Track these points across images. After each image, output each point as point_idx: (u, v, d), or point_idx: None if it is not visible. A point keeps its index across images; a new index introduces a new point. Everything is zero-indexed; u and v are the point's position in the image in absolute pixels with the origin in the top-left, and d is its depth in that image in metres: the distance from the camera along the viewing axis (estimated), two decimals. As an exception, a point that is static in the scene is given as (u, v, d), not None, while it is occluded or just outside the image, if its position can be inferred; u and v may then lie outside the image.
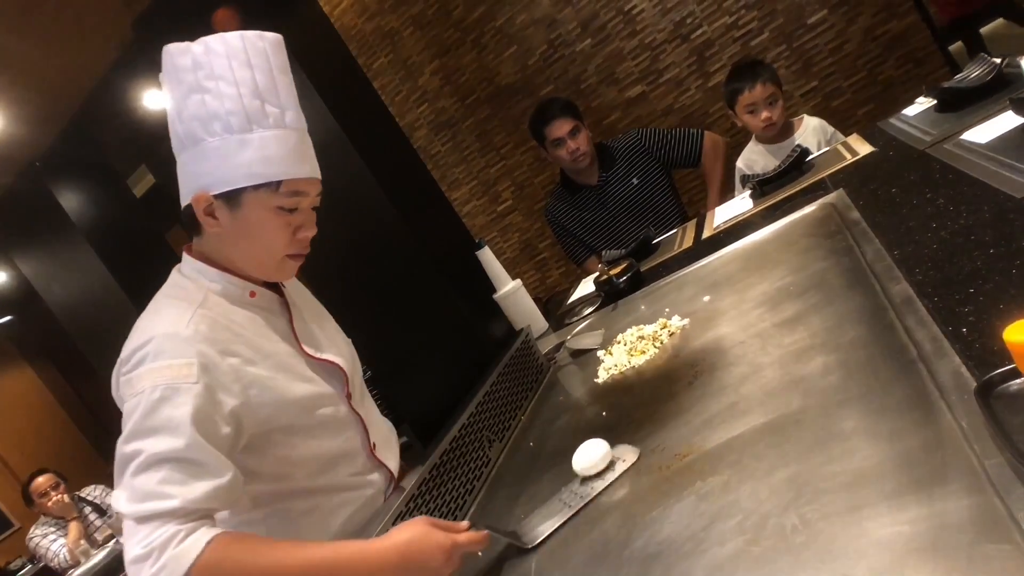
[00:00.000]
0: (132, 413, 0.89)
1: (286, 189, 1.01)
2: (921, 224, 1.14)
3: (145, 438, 0.86)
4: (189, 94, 1.00)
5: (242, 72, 1.00)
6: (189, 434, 0.86)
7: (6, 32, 1.82)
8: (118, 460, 0.88)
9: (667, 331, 1.36)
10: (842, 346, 0.92)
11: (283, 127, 1.02)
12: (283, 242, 1.04)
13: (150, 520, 0.81)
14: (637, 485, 0.90)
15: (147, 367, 0.91)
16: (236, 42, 1.01)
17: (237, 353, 0.99)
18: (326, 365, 1.12)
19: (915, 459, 0.64)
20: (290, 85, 1.07)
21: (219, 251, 1.06)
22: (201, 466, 0.86)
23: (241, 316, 1.05)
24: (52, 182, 2.75)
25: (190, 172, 1.02)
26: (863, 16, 3.33)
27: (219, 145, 0.99)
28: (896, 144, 1.71)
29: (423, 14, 3.98)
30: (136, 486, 0.84)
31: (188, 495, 0.83)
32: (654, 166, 2.63)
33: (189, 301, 1.01)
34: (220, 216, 1.01)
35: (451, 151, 4.29)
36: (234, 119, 0.99)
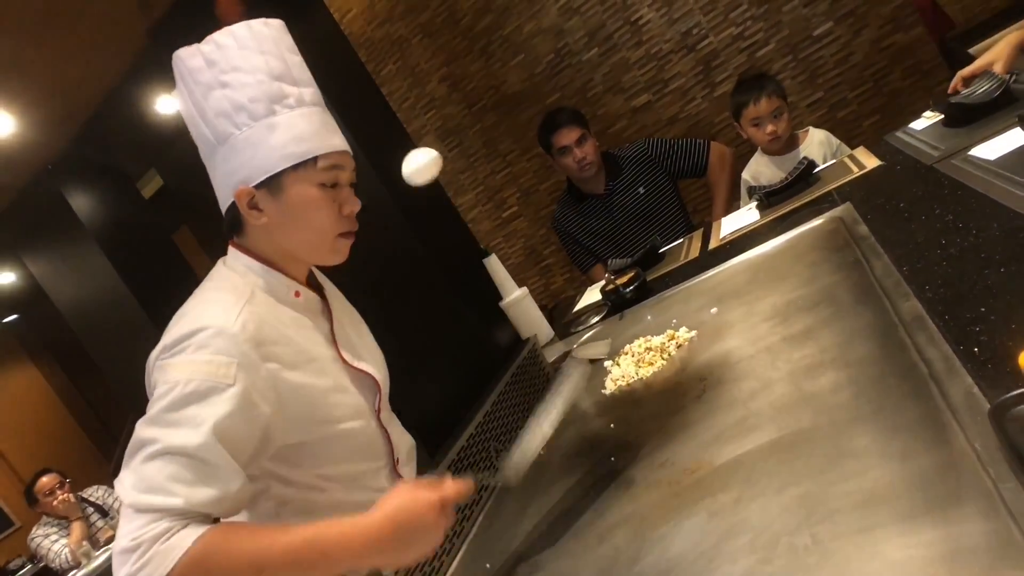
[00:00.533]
0: (160, 400, 0.87)
1: (324, 164, 1.01)
2: (930, 240, 1.15)
3: (165, 427, 0.85)
4: (209, 92, 1.00)
5: (255, 59, 1.00)
6: (210, 436, 0.85)
7: (26, 40, 1.84)
8: (133, 441, 0.86)
9: (675, 343, 1.36)
10: (852, 363, 0.92)
11: (305, 104, 1.02)
12: (332, 219, 1.03)
13: (147, 512, 0.80)
14: (646, 500, 0.90)
15: (187, 357, 0.90)
16: (243, 32, 1.02)
17: (279, 357, 0.97)
18: (361, 375, 1.10)
19: (929, 480, 0.64)
20: (302, 64, 1.07)
21: (267, 244, 1.05)
22: (213, 470, 0.85)
23: (287, 316, 1.03)
24: (63, 184, 2.76)
25: (225, 171, 1.01)
26: (869, 28, 3.34)
27: (249, 135, 0.99)
28: (903, 158, 1.72)
29: (431, 22, 4.00)
30: (144, 474, 0.83)
31: (192, 497, 0.82)
32: (660, 175, 2.63)
33: (237, 295, 0.99)
34: (265, 206, 1.00)
35: (457, 157, 4.30)
36: (258, 106, 0.99)
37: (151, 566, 0.77)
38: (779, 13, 3.42)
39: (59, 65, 2.07)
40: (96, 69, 2.25)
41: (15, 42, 1.84)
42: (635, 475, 0.98)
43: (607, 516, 0.92)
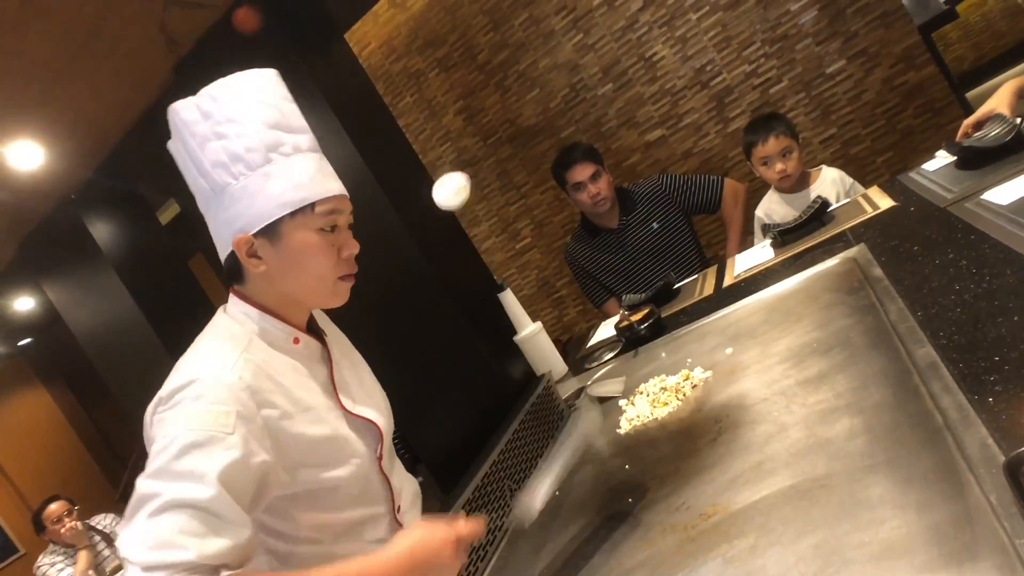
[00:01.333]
0: (160, 453, 0.86)
1: (321, 209, 1.02)
2: (944, 285, 1.16)
3: (169, 481, 0.84)
4: (205, 143, 1.01)
5: (251, 109, 1.01)
6: (216, 486, 0.84)
7: (57, 76, 1.91)
8: (135, 497, 0.85)
9: (690, 383, 1.37)
10: (867, 409, 0.93)
11: (301, 152, 1.04)
12: (331, 263, 1.04)
13: (158, 570, 0.78)
14: (662, 545, 0.91)
15: (185, 409, 0.90)
16: (237, 83, 1.03)
17: (275, 405, 0.97)
18: (363, 423, 1.10)
19: (945, 533, 0.65)
20: (297, 112, 1.08)
21: (267, 292, 1.06)
22: (222, 521, 0.84)
23: (283, 363, 1.04)
24: (85, 213, 2.83)
25: (223, 220, 1.02)
26: (880, 67, 3.38)
27: (246, 184, 0.99)
28: (917, 199, 1.73)
29: (449, 57, 4.09)
30: (152, 531, 0.81)
31: (204, 550, 0.80)
32: (674, 211, 2.66)
33: (234, 343, 1.00)
34: (264, 254, 1.01)
35: (472, 189, 4.35)
36: (255, 155, 1.00)
37: None
38: (792, 51, 3.47)
39: (88, 100, 2.14)
40: (122, 103, 2.32)
41: (47, 78, 1.91)
42: (651, 518, 0.98)
43: (623, 560, 0.92)
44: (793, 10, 3.40)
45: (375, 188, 2.51)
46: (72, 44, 1.80)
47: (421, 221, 2.51)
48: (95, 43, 1.86)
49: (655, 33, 3.64)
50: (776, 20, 3.43)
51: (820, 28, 3.39)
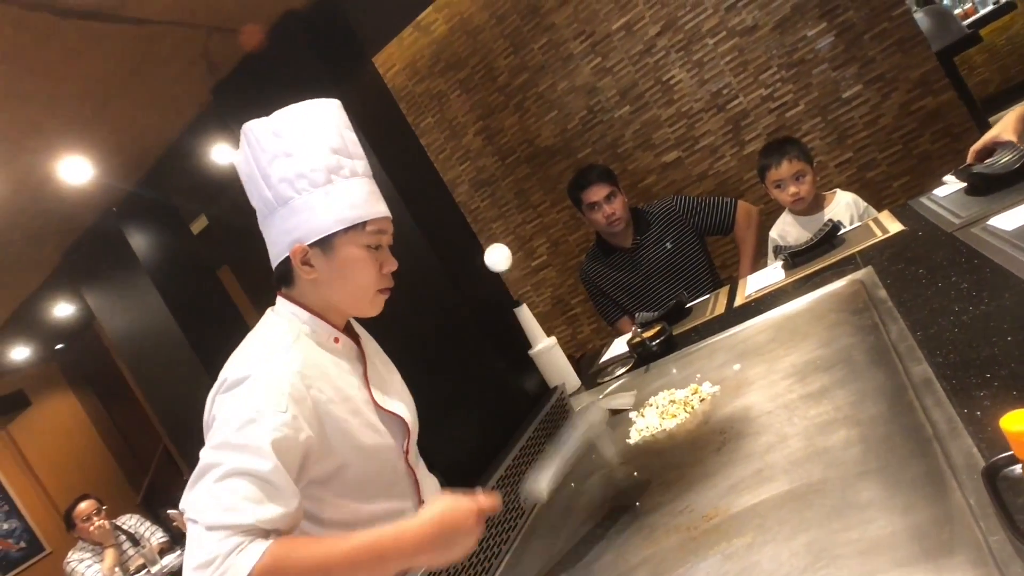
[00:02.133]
0: (223, 427, 0.97)
1: (371, 228, 1.14)
2: (944, 307, 1.21)
3: (231, 451, 0.94)
4: (274, 160, 1.13)
5: (317, 135, 1.13)
6: (273, 458, 0.94)
7: (107, 97, 2.02)
8: (200, 466, 0.95)
9: (698, 396, 1.42)
10: (863, 421, 0.98)
11: (358, 176, 1.16)
12: (374, 277, 1.15)
13: (219, 530, 0.88)
14: (666, 543, 0.96)
15: (245, 389, 1.01)
16: (307, 110, 1.16)
17: (321, 390, 1.08)
18: (392, 417, 1.19)
19: (926, 532, 0.70)
20: (356, 140, 1.21)
21: (313, 296, 1.17)
22: (277, 490, 0.93)
23: (326, 359, 1.14)
24: (125, 224, 2.96)
25: (283, 230, 1.13)
26: (898, 92, 3.43)
27: (308, 199, 1.11)
28: (925, 224, 1.78)
29: (470, 78, 4.20)
30: (216, 495, 0.91)
31: (261, 515, 0.90)
32: (688, 232, 2.72)
33: (285, 337, 1.12)
34: (316, 263, 1.13)
35: (490, 207, 4.45)
36: (318, 174, 1.11)
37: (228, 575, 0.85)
38: (808, 76, 3.53)
39: (134, 119, 2.26)
40: (164, 122, 2.45)
41: (99, 100, 2.04)
42: (656, 520, 1.03)
43: (628, 558, 0.98)
44: (810, 36, 3.47)
45: (399, 204, 2.61)
46: (123, 69, 1.92)
47: (441, 238, 2.59)
48: (144, 67, 1.98)
49: (672, 57, 3.73)
50: (792, 45, 3.50)
51: (837, 53, 3.45)
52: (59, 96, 1.92)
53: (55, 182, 2.28)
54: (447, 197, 2.96)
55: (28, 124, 2.00)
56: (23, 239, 2.75)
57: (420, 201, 2.58)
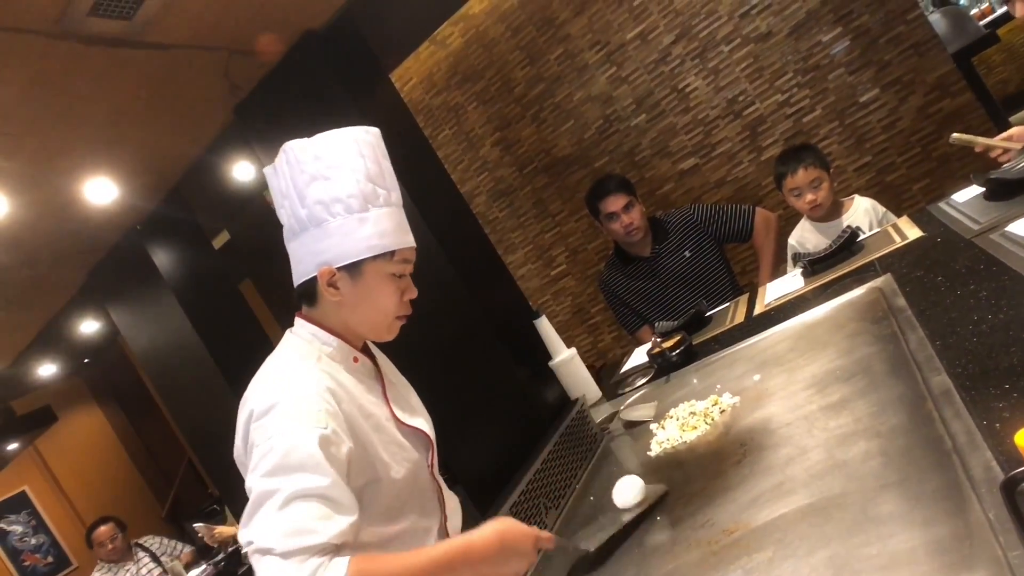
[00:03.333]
0: (269, 454, 0.98)
1: (399, 257, 1.17)
2: (963, 316, 1.20)
3: (287, 475, 0.95)
4: (311, 181, 1.14)
5: (356, 161, 1.15)
6: (331, 473, 0.96)
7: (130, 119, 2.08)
8: (256, 496, 0.96)
9: (718, 408, 1.43)
10: (883, 433, 0.98)
11: (391, 205, 1.18)
12: (395, 304, 1.18)
13: (296, 555, 0.90)
14: (687, 558, 0.97)
15: (280, 412, 1.02)
16: (348, 135, 1.18)
17: (348, 407, 1.10)
18: (415, 432, 1.22)
19: (946, 547, 0.70)
20: (391, 170, 1.23)
21: (333, 317, 1.19)
22: (340, 504, 0.96)
23: (347, 378, 1.17)
24: (149, 243, 3.02)
25: (312, 250, 1.15)
26: (915, 95, 3.40)
27: (341, 224, 1.13)
28: (944, 230, 1.77)
29: (486, 90, 4.24)
30: (283, 520, 0.92)
31: (330, 531, 0.92)
32: (706, 240, 2.72)
33: (309, 357, 1.14)
34: (342, 286, 1.15)
35: (508, 217, 4.47)
36: (354, 201, 1.13)
37: None
38: (825, 81, 3.52)
39: (157, 140, 2.32)
40: (187, 142, 2.51)
41: (124, 122, 2.10)
42: (677, 534, 1.04)
43: (650, 571, 0.99)
44: (825, 41, 3.46)
45: (417, 218, 2.64)
46: (146, 92, 1.98)
47: (461, 250, 2.62)
48: (167, 89, 2.03)
49: (688, 65, 3.73)
50: (808, 51, 3.49)
51: (852, 58, 3.43)
52: (85, 120, 1.98)
53: (80, 203, 2.34)
54: (465, 210, 2.99)
55: (55, 148, 2.06)
56: (50, 259, 2.83)
57: (438, 214, 2.61)
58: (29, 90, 1.75)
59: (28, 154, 2.01)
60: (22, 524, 6.55)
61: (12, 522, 6.49)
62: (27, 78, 1.70)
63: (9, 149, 1.93)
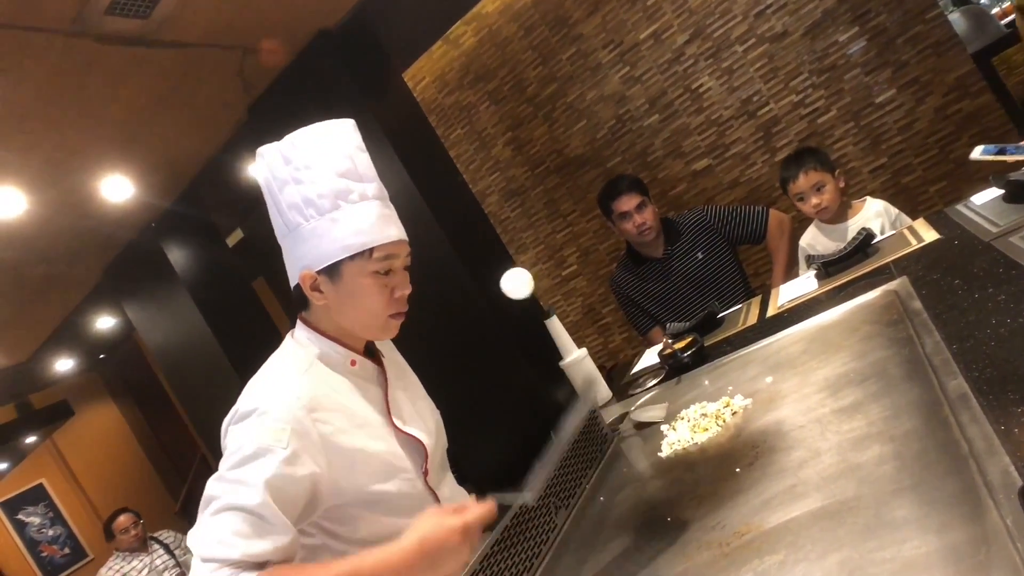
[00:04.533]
0: (225, 460, 1.01)
1: (378, 255, 1.12)
2: (981, 319, 1.18)
3: (228, 484, 0.97)
4: (284, 186, 1.13)
5: (326, 158, 1.12)
6: (262, 495, 0.96)
7: (146, 119, 2.10)
8: (204, 496, 0.99)
9: (730, 410, 1.42)
10: (897, 437, 0.97)
11: (367, 199, 1.14)
12: (383, 303, 1.14)
13: (211, 562, 0.92)
14: (698, 559, 0.96)
15: (249, 424, 1.03)
16: (317, 132, 1.15)
17: (330, 421, 1.08)
18: (410, 439, 1.19)
19: (961, 553, 0.69)
20: (368, 162, 1.18)
21: (327, 321, 1.18)
22: (268, 524, 0.95)
23: (340, 383, 1.15)
24: (164, 240, 3.05)
25: (293, 255, 1.14)
26: (933, 96, 3.36)
27: (314, 227, 1.11)
28: (961, 232, 1.74)
29: (498, 90, 4.24)
30: (210, 528, 0.95)
31: (248, 549, 0.93)
32: (719, 242, 2.70)
33: (297, 366, 1.13)
34: (325, 289, 1.13)
35: (520, 217, 4.47)
36: (324, 201, 1.11)
37: None
38: (840, 81, 3.49)
39: (172, 138, 2.35)
40: (201, 140, 2.53)
41: (140, 121, 2.12)
42: (688, 536, 1.03)
43: (661, 573, 0.98)
44: (841, 41, 3.43)
45: (429, 218, 2.65)
46: (162, 90, 2.00)
47: (472, 249, 2.63)
48: (182, 88, 2.05)
49: (701, 65, 3.72)
50: (823, 51, 3.46)
51: (869, 58, 3.40)
52: (101, 118, 2.00)
53: (97, 201, 2.37)
54: (477, 209, 3.01)
55: (72, 146, 2.09)
56: (67, 255, 2.86)
57: (450, 213, 2.61)
58: (46, 89, 1.77)
59: (46, 152, 2.04)
60: (40, 516, 6.64)
61: (30, 514, 6.58)
62: (44, 77, 1.73)
63: (28, 146, 1.95)
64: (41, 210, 2.26)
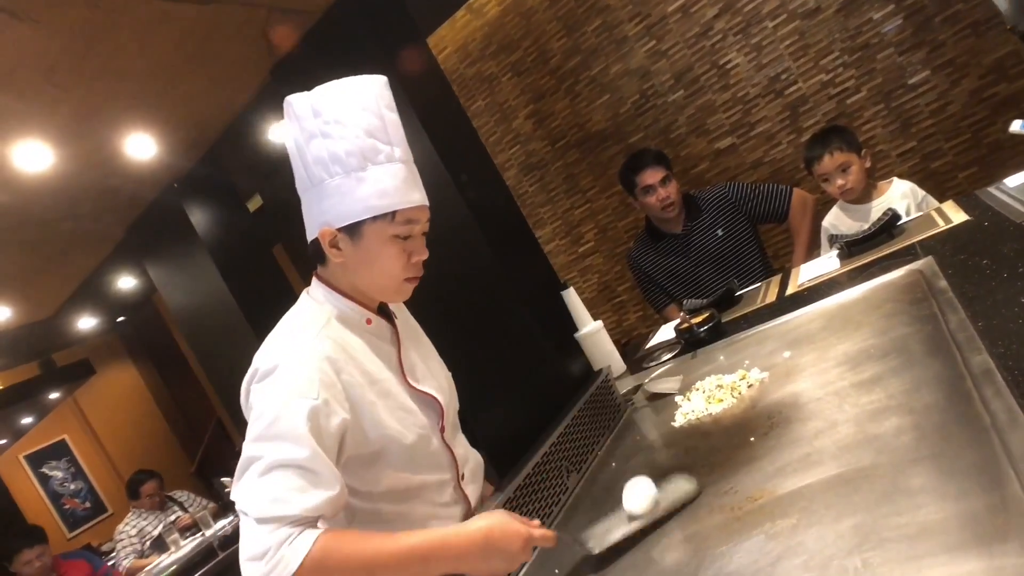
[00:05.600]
0: (259, 419, 1.00)
1: (400, 218, 1.12)
2: (1009, 298, 1.16)
3: (269, 442, 0.97)
4: (311, 139, 1.11)
5: (355, 115, 1.10)
6: (311, 446, 0.96)
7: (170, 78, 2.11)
8: (243, 459, 0.99)
9: (746, 382, 1.41)
10: (917, 409, 0.96)
11: (393, 161, 1.12)
12: (400, 266, 1.14)
13: (269, 522, 0.92)
14: (709, 522, 0.96)
15: (276, 379, 1.02)
16: (348, 87, 1.12)
17: (351, 374, 1.09)
18: (425, 397, 1.20)
19: (979, 519, 0.69)
20: (397, 122, 1.17)
21: (343, 278, 1.17)
22: (318, 476, 0.96)
23: (356, 341, 1.15)
24: (185, 200, 3.07)
25: (315, 209, 1.13)
26: (968, 78, 3.28)
27: (340, 183, 1.09)
28: (992, 214, 1.71)
29: (521, 61, 4.19)
30: (262, 487, 0.94)
31: (306, 503, 0.93)
32: (740, 219, 2.67)
33: (315, 321, 1.13)
34: (343, 247, 1.12)
35: (538, 191, 4.45)
36: (352, 159, 1.09)
37: (280, 567, 0.89)
38: (873, 61, 3.41)
39: (196, 97, 2.35)
40: (224, 101, 2.53)
41: (164, 78, 2.12)
42: (700, 500, 1.04)
43: (671, 534, 0.99)
44: (876, 19, 3.34)
45: (450, 186, 2.64)
46: (188, 48, 1.99)
47: (492, 219, 2.61)
48: (207, 46, 2.05)
49: (730, 40, 3.64)
50: (856, 29, 3.38)
51: (904, 37, 3.31)
52: (127, 74, 2.01)
53: (121, 158, 2.38)
54: (499, 180, 2.98)
55: (98, 101, 2.10)
56: (91, 212, 2.89)
57: (471, 183, 2.60)
58: (73, 42, 1.78)
59: (72, 106, 2.05)
60: (62, 470, 6.84)
61: (53, 468, 6.78)
62: (72, 29, 1.73)
63: (55, 100, 1.96)
64: (67, 165, 2.28)
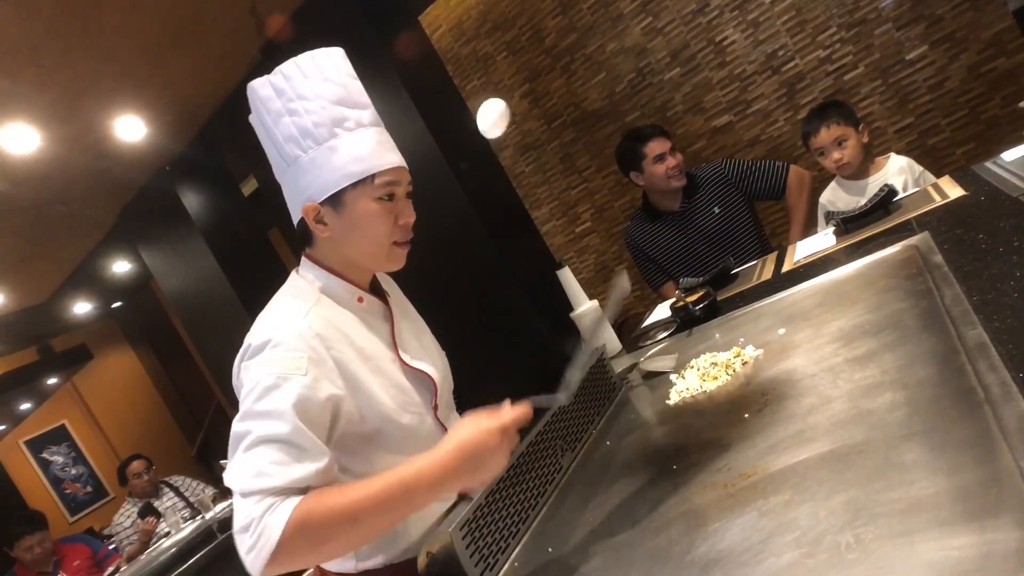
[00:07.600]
0: (247, 397, 1.01)
1: (380, 181, 1.12)
2: (1005, 272, 1.15)
3: (255, 420, 0.98)
4: (279, 119, 1.11)
5: (318, 87, 1.10)
6: (293, 421, 0.96)
7: (160, 55, 2.07)
8: (232, 436, 1.00)
9: (740, 360, 1.41)
10: (911, 384, 0.95)
11: (363, 126, 1.13)
12: (387, 229, 1.14)
13: (252, 495, 0.93)
14: (702, 499, 0.96)
15: (265, 356, 1.03)
16: (307, 62, 1.12)
17: (342, 351, 1.09)
18: (419, 374, 1.20)
19: (971, 493, 0.68)
20: (361, 89, 1.17)
21: (332, 254, 1.17)
22: (302, 450, 0.96)
23: (347, 318, 1.15)
24: (178, 183, 3.05)
25: (295, 189, 1.13)
26: (967, 53, 3.25)
27: (314, 157, 1.10)
28: (989, 189, 1.69)
29: (516, 40, 4.15)
30: (245, 463, 0.95)
31: (288, 476, 0.94)
32: (737, 196, 2.65)
33: (305, 299, 1.13)
34: (329, 220, 1.12)
35: (535, 172, 4.42)
36: (322, 130, 1.09)
37: (264, 535, 0.90)
38: (870, 36, 3.37)
39: (185, 78, 2.32)
40: (214, 82, 2.49)
41: (151, 58, 2.09)
42: (693, 478, 1.04)
43: (663, 512, 0.99)
44: (873, -7, 3.30)
45: (444, 166, 2.62)
46: (174, 26, 1.96)
47: (485, 199, 2.60)
48: (195, 25, 2.01)
49: (726, 17, 3.60)
50: (854, 4, 3.34)
51: (902, 12, 3.28)
52: (113, 55, 1.98)
53: (111, 140, 2.36)
54: (492, 159, 2.97)
55: (84, 83, 2.07)
56: (82, 196, 2.87)
57: (465, 162, 2.58)
58: (56, 21, 1.74)
59: (58, 88, 2.02)
60: (63, 455, 6.86)
61: (54, 452, 6.80)
62: (54, 8, 1.70)
63: (40, 81, 1.93)
64: (55, 148, 2.25)
